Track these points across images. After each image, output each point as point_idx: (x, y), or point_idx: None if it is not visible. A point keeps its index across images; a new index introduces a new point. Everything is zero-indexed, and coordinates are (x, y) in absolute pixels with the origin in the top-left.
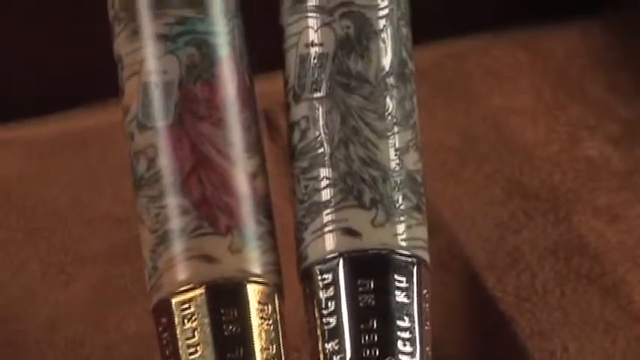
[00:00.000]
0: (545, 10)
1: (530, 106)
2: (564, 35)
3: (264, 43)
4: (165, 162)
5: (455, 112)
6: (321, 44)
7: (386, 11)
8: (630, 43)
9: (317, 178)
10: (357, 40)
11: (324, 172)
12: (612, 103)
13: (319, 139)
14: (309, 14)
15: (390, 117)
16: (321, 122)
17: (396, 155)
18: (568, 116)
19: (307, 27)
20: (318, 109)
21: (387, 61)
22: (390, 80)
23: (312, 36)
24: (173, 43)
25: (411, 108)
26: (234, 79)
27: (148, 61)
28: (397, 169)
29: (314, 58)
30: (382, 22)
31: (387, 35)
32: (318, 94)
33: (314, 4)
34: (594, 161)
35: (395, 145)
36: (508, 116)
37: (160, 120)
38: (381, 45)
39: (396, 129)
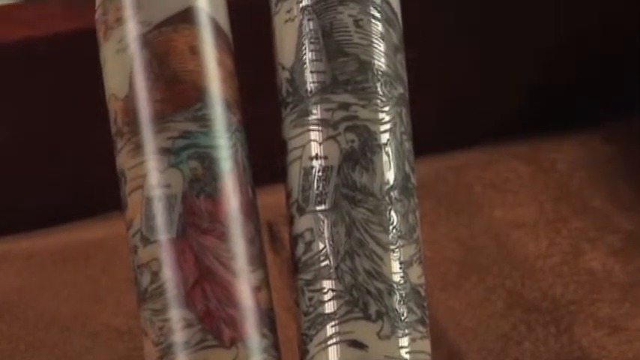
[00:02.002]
0: (546, 122)
1: (531, 218)
2: (565, 147)
3: (265, 156)
4: (169, 275)
5: (456, 224)
6: (325, 157)
7: (389, 125)
8: (631, 154)
9: (322, 291)
10: (361, 153)
11: (329, 284)
12: (614, 215)
13: (324, 251)
14: (313, 127)
15: (394, 230)
16: (326, 235)
17: (400, 268)
18: (569, 228)
19: (311, 140)
20: (323, 222)
21: (391, 174)
22: (394, 194)
23: (317, 149)
24: (176, 157)
25: (414, 222)
26: (237, 192)
27: (151, 175)
28: (402, 282)
29: (318, 171)
30: (386, 136)
31: (391, 149)
32: (322, 207)
33: (317, 117)
34: (596, 273)
35: (399, 258)
36: (509, 229)
37: (164, 233)
38: (385, 158)
39: (400, 242)
